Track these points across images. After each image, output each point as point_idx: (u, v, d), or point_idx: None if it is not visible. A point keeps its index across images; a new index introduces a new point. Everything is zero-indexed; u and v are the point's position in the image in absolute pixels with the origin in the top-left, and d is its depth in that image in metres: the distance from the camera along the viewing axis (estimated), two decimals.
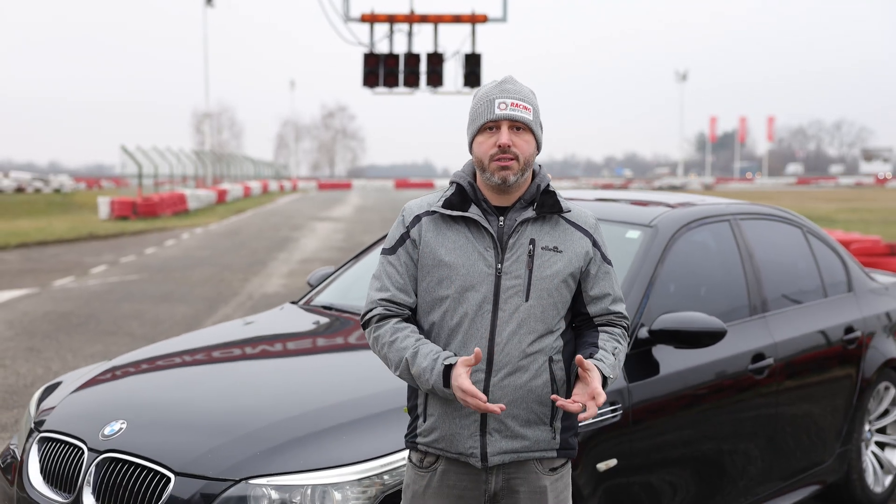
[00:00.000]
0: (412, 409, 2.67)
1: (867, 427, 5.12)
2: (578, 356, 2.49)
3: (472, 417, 2.56)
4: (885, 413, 5.26)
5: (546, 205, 2.61)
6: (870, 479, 5.07)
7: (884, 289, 5.45)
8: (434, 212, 2.64)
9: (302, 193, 68.90)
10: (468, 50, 17.88)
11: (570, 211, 2.65)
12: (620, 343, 2.65)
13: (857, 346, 4.91)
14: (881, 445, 5.27)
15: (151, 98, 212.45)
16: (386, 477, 2.94)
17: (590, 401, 2.46)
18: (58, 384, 3.93)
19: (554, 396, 2.47)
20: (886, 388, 5.19)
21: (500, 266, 2.57)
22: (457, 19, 17.53)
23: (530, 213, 2.60)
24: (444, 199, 2.65)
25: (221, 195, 44.39)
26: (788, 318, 4.56)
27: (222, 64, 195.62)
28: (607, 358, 2.57)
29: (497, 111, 2.55)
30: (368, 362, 3.76)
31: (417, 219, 2.66)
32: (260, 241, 22.69)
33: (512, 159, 2.54)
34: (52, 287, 13.80)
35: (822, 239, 5.18)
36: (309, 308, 4.56)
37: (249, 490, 2.92)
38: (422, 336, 2.59)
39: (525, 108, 2.56)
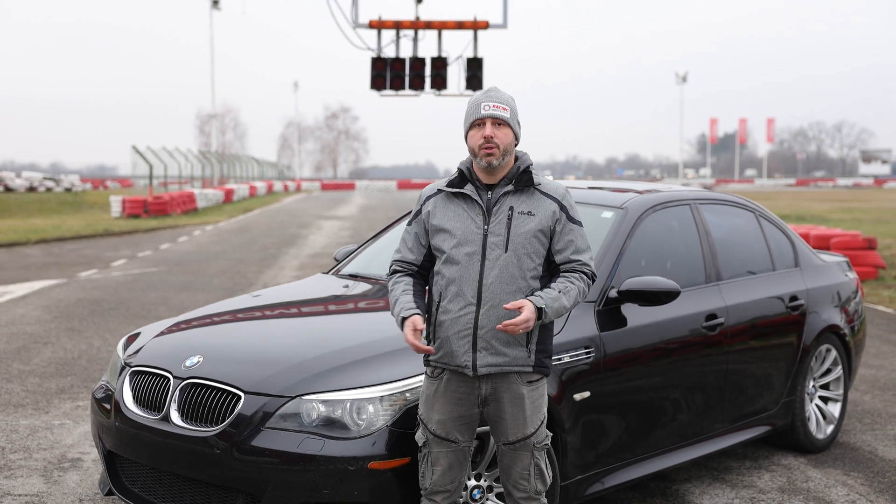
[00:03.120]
0: (427, 336, 3.57)
1: (811, 383, 5.99)
2: (505, 306, 3.39)
3: (465, 339, 3.48)
4: (828, 372, 6.13)
5: (522, 181, 3.54)
6: (813, 427, 5.93)
7: (828, 265, 6.32)
8: (441, 191, 3.63)
9: (306, 194, 69.81)
10: (470, 54, 18.76)
11: (540, 184, 3.54)
12: (573, 283, 3.52)
13: (800, 312, 5.77)
14: (825, 399, 6.13)
15: (153, 99, 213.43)
16: (407, 394, 3.81)
17: (519, 322, 3.35)
18: (137, 334, 4.80)
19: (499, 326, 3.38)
20: (828, 350, 6.05)
21: (486, 227, 3.51)
22: (459, 25, 18.42)
23: (510, 187, 3.53)
24: (448, 180, 3.63)
25: (228, 194, 45.30)
26: (739, 286, 5.43)
27: (226, 66, 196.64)
28: (549, 294, 3.45)
29: (482, 111, 3.50)
30: (385, 311, 4.64)
31: (427, 199, 3.67)
32: (270, 238, 23.59)
33: (494, 147, 3.47)
34: (78, 278, 14.68)
35: (773, 222, 6.05)
36: (338, 276, 5.46)
37: (302, 405, 3.80)
38: (409, 287, 3.60)
39: (503, 108, 3.50)
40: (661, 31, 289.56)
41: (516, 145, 3.61)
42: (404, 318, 3.48)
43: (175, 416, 4.00)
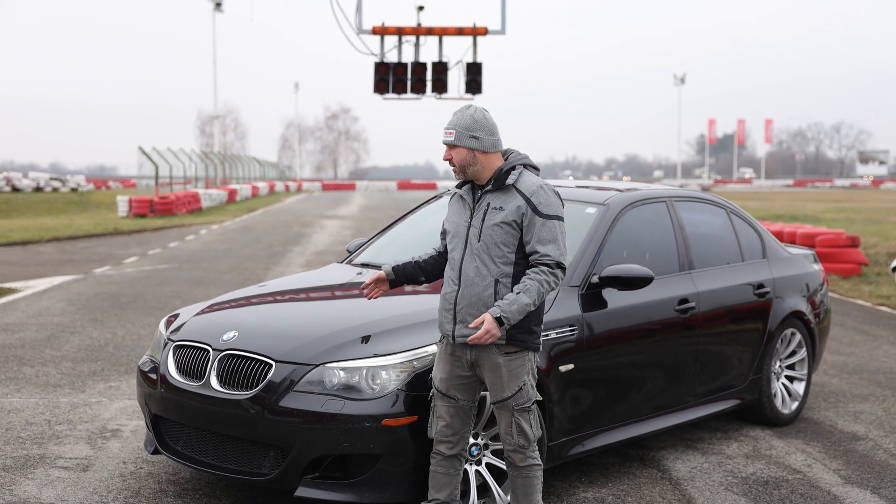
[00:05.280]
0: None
1: (777, 363, 6.63)
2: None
3: (449, 313, 4.17)
4: (793, 353, 6.77)
5: (499, 181, 4.17)
6: (779, 403, 6.57)
7: (794, 258, 6.96)
8: (454, 192, 4.39)
9: (307, 194, 70.47)
10: (470, 59, 19.44)
11: (515, 182, 4.16)
12: (532, 279, 4.06)
13: (766, 299, 6.41)
14: (790, 379, 6.77)
15: (153, 100, 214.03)
16: (415, 362, 4.46)
17: (481, 335, 3.97)
18: (177, 315, 5.42)
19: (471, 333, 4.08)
20: (793, 334, 6.69)
21: (470, 221, 4.19)
22: (459, 32, 19.09)
23: (489, 187, 4.19)
24: (458, 183, 4.32)
25: (232, 194, 45.96)
26: (710, 275, 6.07)
27: (226, 67, 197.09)
28: (506, 301, 4.01)
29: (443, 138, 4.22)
30: (397, 295, 5.28)
31: (449, 199, 4.44)
32: (275, 236, 24.24)
33: (454, 166, 4.19)
34: (94, 274, 15.32)
35: (744, 218, 6.69)
36: (351, 265, 6.10)
37: (325, 372, 4.44)
38: (420, 257, 4.51)
39: (449, 133, 4.18)
40: (660, 34, 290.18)
41: (484, 152, 4.14)
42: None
43: (214, 383, 4.64)
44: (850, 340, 9.88)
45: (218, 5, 55.22)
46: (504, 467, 4.52)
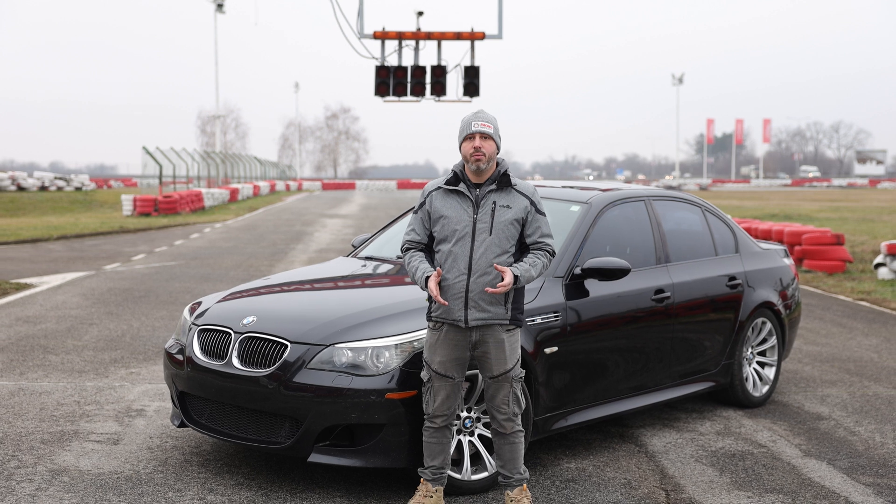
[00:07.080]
0: (429, 299, 4.77)
1: (749, 350, 7.18)
2: (495, 265, 4.59)
3: (459, 300, 4.66)
4: (764, 341, 7.33)
5: (503, 181, 4.72)
6: (750, 386, 7.13)
7: (766, 252, 7.52)
8: (440, 188, 4.82)
9: (308, 193, 71.04)
10: (468, 63, 20.02)
11: (516, 184, 4.72)
12: (539, 259, 4.72)
13: (738, 290, 6.97)
14: (762, 364, 7.33)
15: (153, 100, 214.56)
16: (415, 343, 5.01)
17: (501, 285, 4.55)
18: (199, 303, 5.97)
19: (492, 288, 4.59)
20: (763, 323, 7.25)
21: (475, 216, 4.69)
22: (458, 36, 19.65)
23: (493, 186, 4.72)
24: (445, 179, 4.81)
25: (234, 194, 46.52)
26: (685, 267, 6.62)
27: (227, 67, 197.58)
28: (521, 266, 4.66)
29: (473, 128, 4.70)
30: (399, 285, 5.84)
31: (430, 193, 4.86)
32: (277, 235, 24.80)
33: (482, 155, 4.65)
34: (104, 270, 15.87)
35: (718, 216, 7.25)
36: (357, 258, 6.66)
37: (335, 352, 4.99)
38: (423, 257, 4.79)
39: (488, 126, 4.70)
40: (658, 34, 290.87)
41: (497, 153, 4.80)
42: (427, 277, 4.67)
43: (236, 362, 5.19)
44: (826, 332, 10.43)
45: (220, 6, 55.83)
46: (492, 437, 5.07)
